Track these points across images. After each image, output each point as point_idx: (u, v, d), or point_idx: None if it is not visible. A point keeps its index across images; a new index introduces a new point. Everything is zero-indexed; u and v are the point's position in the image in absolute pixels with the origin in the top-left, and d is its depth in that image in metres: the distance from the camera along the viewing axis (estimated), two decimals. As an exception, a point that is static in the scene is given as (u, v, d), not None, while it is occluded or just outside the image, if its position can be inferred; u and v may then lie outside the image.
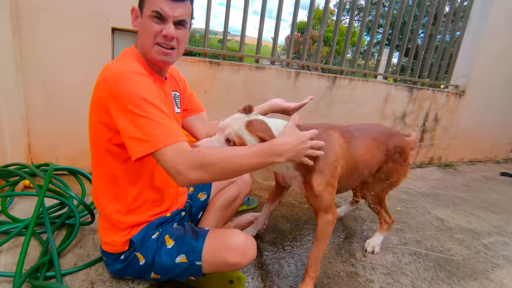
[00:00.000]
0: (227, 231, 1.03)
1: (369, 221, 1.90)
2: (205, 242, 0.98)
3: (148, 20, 0.92)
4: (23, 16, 1.62)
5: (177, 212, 1.16)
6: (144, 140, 0.80)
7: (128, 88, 0.83)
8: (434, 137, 3.44)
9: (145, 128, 0.80)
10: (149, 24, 0.92)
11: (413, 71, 3.21)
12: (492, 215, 2.25)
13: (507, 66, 3.52)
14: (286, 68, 2.67)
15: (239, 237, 0.98)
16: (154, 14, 0.91)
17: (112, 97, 0.85)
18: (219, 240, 0.99)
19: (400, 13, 3.01)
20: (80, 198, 1.43)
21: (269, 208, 1.44)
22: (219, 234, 1.02)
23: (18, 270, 1.01)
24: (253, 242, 1.01)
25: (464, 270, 1.51)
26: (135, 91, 0.83)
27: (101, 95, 0.88)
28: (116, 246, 1.01)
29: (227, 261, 0.95)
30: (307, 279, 1.15)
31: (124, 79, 0.84)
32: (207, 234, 1.01)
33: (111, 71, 0.88)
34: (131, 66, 0.90)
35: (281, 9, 2.47)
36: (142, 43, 0.97)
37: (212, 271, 1.00)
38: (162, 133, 0.80)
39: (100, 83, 0.90)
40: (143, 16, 0.94)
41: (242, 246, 0.97)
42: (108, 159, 0.97)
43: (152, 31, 0.93)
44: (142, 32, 0.96)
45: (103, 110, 0.88)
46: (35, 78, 1.73)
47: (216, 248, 0.97)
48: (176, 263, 0.97)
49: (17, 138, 1.68)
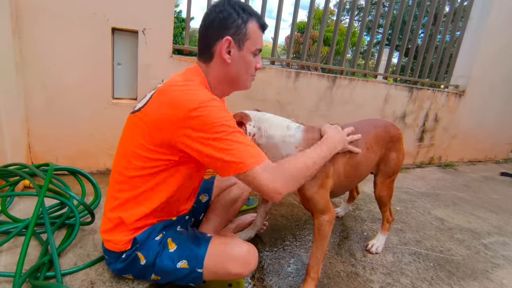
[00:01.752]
0: (230, 239, 1.03)
1: (369, 221, 1.90)
2: (208, 250, 0.98)
3: (249, 55, 0.98)
4: (23, 16, 1.62)
5: (182, 216, 1.16)
6: (235, 162, 0.82)
7: (212, 114, 0.83)
8: (434, 137, 3.44)
9: (234, 150, 0.83)
10: (251, 59, 0.99)
11: (413, 71, 3.21)
12: (492, 215, 2.25)
13: (507, 66, 3.53)
14: (286, 68, 2.67)
15: (241, 248, 0.98)
16: (257, 52, 0.99)
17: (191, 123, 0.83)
18: (222, 249, 0.98)
19: (400, 13, 3.01)
20: (80, 198, 1.43)
21: (264, 208, 1.44)
22: (222, 243, 1.01)
23: (18, 270, 1.01)
24: (255, 252, 1.01)
25: (464, 270, 1.51)
26: (219, 116, 0.84)
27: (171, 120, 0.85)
28: (119, 245, 1.01)
29: (229, 271, 0.95)
30: (308, 280, 1.15)
31: (206, 106, 0.83)
32: (210, 241, 1.01)
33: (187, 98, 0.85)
34: (206, 93, 0.89)
35: (281, 9, 2.47)
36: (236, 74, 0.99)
37: (212, 279, 1.00)
38: (250, 154, 0.84)
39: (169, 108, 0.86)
40: (243, 50, 0.96)
41: (245, 256, 0.97)
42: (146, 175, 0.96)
43: (253, 66, 1.01)
44: (239, 65, 0.98)
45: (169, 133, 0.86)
46: (35, 78, 1.73)
47: (219, 257, 0.97)
48: (177, 268, 0.97)
49: (17, 138, 1.68)
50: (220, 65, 0.97)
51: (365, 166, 1.30)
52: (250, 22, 0.94)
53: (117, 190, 1.00)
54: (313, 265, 1.14)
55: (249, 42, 0.95)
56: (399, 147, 1.46)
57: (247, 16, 0.93)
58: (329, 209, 1.14)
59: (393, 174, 1.46)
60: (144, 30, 1.86)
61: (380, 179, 1.45)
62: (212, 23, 0.93)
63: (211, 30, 0.94)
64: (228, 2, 0.93)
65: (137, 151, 0.93)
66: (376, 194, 1.49)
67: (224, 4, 0.93)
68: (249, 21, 0.93)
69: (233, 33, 0.92)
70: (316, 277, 1.15)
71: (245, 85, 1.04)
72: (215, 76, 0.99)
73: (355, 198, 1.88)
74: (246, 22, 0.93)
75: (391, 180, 1.47)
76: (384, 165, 1.42)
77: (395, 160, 1.43)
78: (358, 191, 1.89)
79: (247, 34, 0.94)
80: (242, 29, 0.93)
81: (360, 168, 1.28)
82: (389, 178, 1.46)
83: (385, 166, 1.43)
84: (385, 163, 1.42)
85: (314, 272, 1.15)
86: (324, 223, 1.12)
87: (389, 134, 1.41)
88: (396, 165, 1.45)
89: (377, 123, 1.42)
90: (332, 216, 1.14)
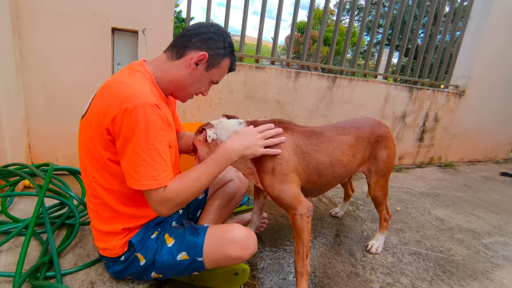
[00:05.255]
0: (227, 225, 1.04)
1: (369, 221, 1.90)
2: (206, 238, 0.99)
3: (207, 79, 1.05)
4: (23, 16, 1.62)
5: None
6: (134, 177, 0.87)
7: (138, 122, 0.83)
8: (434, 137, 3.44)
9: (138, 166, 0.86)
10: (206, 83, 1.06)
11: (413, 71, 3.21)
12: (492, 215, 2.25)
13: (507, 66, 3.53)
14: (286, 68, 2.68)
15: (239, 231, 0.99)
16: (214, 82, 1.08)
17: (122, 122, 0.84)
18: (220, 235, 0.99)
19: (400, 13, 3.01)
20: (80, 198, 1.43)
21: (257, 205, 1.44)
22: (219, 229, 1.02)
23: (18, 270, 1.01)
24: (254, 235, 1.02)
25: (464, 270, 1.51)
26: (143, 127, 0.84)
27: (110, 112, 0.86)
28: (115, 250, 1.01)
29: (229, 255, 0.96)
30: (297, 276, 1.13)
31: (137, 111, 0.83)
32: (207, 230, 1.02)
33: (124, 94, 0.86)
34: (144, 91, 0.88)
35: (281, 9, 2.47)
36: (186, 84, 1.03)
37: (214, 266, 1.01)
38: (151, 176, 0.86)
39: (109, 101, 0.87)
40: (207, 72, 1.03)
41: (243, 239, 0.98)
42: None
43: (202, 89, 1.08)
44: (195, 79, 1.03)
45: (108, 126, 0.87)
46: (35, 78, 1.73)
47: (217, 243, 0.98)
48: (178, 261, 0.98)
49: (17, 138, 1.68)
50: (182, 68, 1.00)
51: (340, 166, 1.26)
52: (227, 58, 1.04)
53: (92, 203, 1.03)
54: (297, 261, 1.13)
55: (216, 70, 1.04)
56: (388, 145, 1.42)
57: (229, 53, 1.03)
58: (299, 203, 1.11)
59: (385, 173, 1.44)
60: (144, 30, 1.86)
61: (372, 179, 1.44)
62: (202, 34, 0.98)
63: (197, 39, 0.98)
64: (226, 33, 1.02)
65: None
66: (370, 195, 1.48)
67: (221, 31, 1.01)
68: (227, 57, 1.03)
69: (211, 55, 1.00)
70: (304, 272, 1.12)
71: (183, 98, 1.09)
72: (170, 75, 1.01)
73: (350, 196, 1.88)
74: (226, 56, 1.03)
75: (385, 179, 1.46)
76: (373, 164, 1.41)
77: (385, 159, 1.41)
78: (353, 189, 1.89)
79: (219, 64, 1.03)
80: (220, 58, 1.02)
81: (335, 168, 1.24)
82: (382, 178, 1.44)
83: (374, 165, 1.41)
84: (373, 162, 1.41)
85: (300, 267, 1.12)
86: (296, 217, 1.10)
87: (374, 133, 1.38)
88: (387, 164, 1.42)
89: (360, 123, 1.40)
90: (305, 209, 1.10)
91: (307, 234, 1.12)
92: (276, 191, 1.10)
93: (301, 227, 1.11)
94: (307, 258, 1.14)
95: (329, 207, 2.01)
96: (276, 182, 1.10)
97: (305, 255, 1.12)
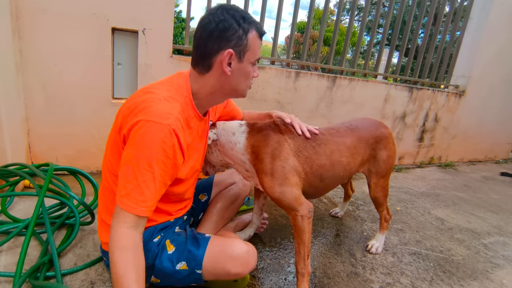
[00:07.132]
0: (229, 240, 1.03)
1: (369, 221, 1.90)
2: (207, 251, 0.98)
3: (249, 66, 0.95)
4: (23, 16, 1.62)
5: (179, 217, 1.16)
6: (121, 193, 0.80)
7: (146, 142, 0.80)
8: (434, 137, 3.44)
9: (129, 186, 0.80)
10: (250, 69, 0.97)
11: (413, 71, 3.21)
12: (492, 215, 2.25)
13: (507, 66, 3.53)
14: (286, 68, 2.67)
15: (240, 247, 0.98)
16: (256, 62, 0.97)
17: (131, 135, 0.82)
18: (221, 249, 0.98)
19: (400, 13, 3.01)
20: (80, 198, 1.43)
21: (257, 205, 1.44)
22: (221, 243, 1.00)
23: (18, 270, 1.01)
24: (254, 251, 1.01)
25: (464, 270, 1.51)
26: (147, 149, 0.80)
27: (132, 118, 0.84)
28: None
29: (229, 271, 0.95)
30: (299, 277, 1.14)
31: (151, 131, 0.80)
32: (209, 242, 1.01)
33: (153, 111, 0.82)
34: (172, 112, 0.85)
35: (281, 9, 2.47)
36: (235, 86, 0.96)
37: (212, 279, 1.00)
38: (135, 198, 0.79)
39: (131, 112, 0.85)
40: (243, 62, 0.93)
41: (244, 255, 0.97)
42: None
43: (251, 76, 0.99)
44: (239, 76, 0.95)
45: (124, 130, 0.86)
46: (35, 78, 1.73)
47: (218, 258, 0.96)
48: (177, 270, 0.97)
49: (17, 138, 1.68)
50: (219, 76, 0.93)
51: (341, 168, 1.27)
52: (250, 32, 0.90)
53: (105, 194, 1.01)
54: (299, 261, 1.13)
55: (249, 53, 0.92)
56: (387, 146, 1.43)
57: (247, 26, 0.89)
58: (300, 204, 1.12)
59: (385, 173, 1.44)
60: (144, 30, 1.85)
61: (373, 179, 1.44)
62: (211, 34, 0.87)
63: (211, 41, 0.88)
64: (226, 11, 0.88)
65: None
66: (371, 195, 1.48)
67: (223, 13, 0.88)
68: (249, 31, 0.90)
69: (234, 44, 0.88)
70: (305, 272, 1.13)
71: (243, 94, 1.02)
72: (210, 87, 0.95)
73: (350, 196, 1.88)
74: (247, 32, 0.89)
75: (385, 180, 1.46)
76: (373, 165, 1.41)
77: (385, 159, 1.41)
78: (353, 189, 1.89)
79: (247, 46, 0.91)
80: (243, 40, 0.89)
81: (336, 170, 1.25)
82: (382, 178, 1.44)
83: (374, 166, 1.41)
84: (373, 163, 1.41)
85: (301, 267, 1.13)
86: (297, 218, 1.11)
87: (374, 134, 1.39)
88: (387, 164, 1.43)
89: (360, 124, 1.40)
90: (306, 210, 1.11)
91: (308, 234, 1.12)
92: (276, 193, 1.10)
93: (302, 228, 1.11)
94: (308, 259, 1.14)
95: (329, 207, 2.01)
96: (276, 184, 1.10)
97: (306, 256, 1.13)
